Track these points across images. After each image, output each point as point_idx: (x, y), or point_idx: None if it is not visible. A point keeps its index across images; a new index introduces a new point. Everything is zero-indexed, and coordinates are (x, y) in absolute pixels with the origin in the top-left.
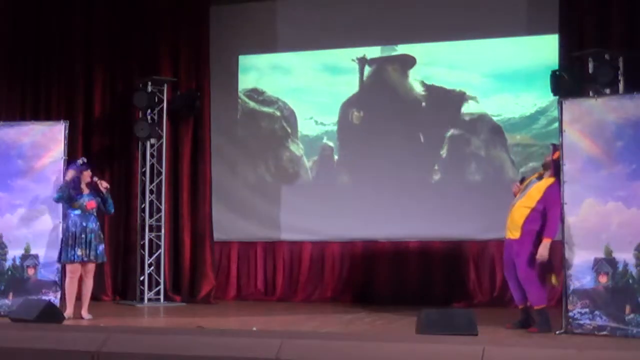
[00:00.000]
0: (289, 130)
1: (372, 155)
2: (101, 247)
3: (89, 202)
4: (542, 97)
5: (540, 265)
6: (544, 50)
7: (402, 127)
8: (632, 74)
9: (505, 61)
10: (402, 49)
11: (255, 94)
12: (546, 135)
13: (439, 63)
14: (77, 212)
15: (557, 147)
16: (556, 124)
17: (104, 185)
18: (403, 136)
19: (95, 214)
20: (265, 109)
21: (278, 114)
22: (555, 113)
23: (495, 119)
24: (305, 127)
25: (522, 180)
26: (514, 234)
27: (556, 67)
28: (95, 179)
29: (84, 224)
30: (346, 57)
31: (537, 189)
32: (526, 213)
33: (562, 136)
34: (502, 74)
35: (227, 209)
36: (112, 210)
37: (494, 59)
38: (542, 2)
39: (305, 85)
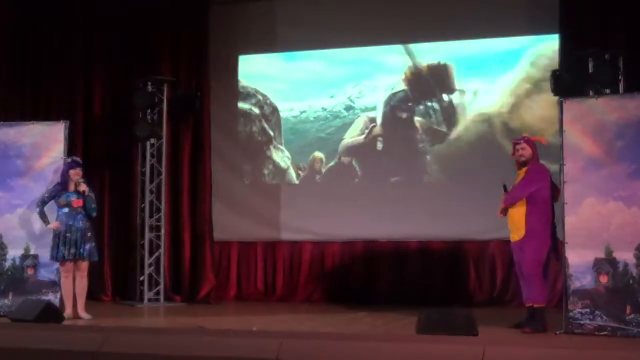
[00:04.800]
0: (272, 134)
1: (372, 155)
2: (89, 245)
3: (76, 200)
4: None
5: (545, 261)
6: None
7: (401, 127)
8: (632, 74)
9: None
10: (401, 49)
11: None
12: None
13: (437, 61)
14: (65, 210)
15: (521, 141)
16: None
17: (81, 188)
18: (403, 136)
19: (83, 212)
20: (242, 105)
21: (257, 111)
22: None
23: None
24: (302, 126)
25: (505, 189)
26: (518, 234)
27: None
28: (81, 180)
29: (70, 223)
30: (346, 57)
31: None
32: (523, 210)
33: (563, 136)
34: (500, 73)
35: (227, 209)
36: (93, 214)
37: (493, 59)
38: (542, 2)
39: (305, 84)
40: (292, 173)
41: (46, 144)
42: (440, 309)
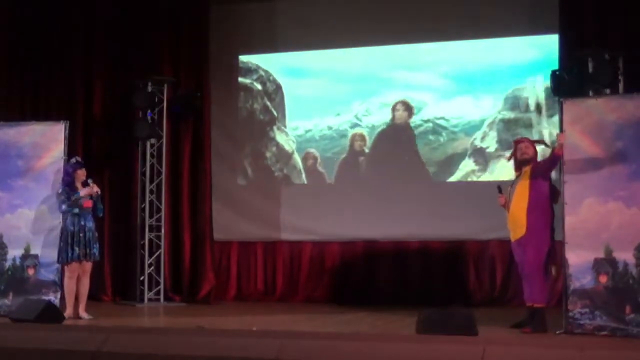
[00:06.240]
0: (275, 114)
1: (372, 155)
2: (97, 245)
3: (86, 201)
4: None
5: (545, 260)
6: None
7: (401, 128)
8: (632, 74)
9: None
10: (400, 49)
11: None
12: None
13: (438, 63)
14: (76, 210)
15: (525, 140)
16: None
17: (94, 189)
18: (403, 136)
19: (91, 212)
20: (242, 80)
21: (259, 87)
22: None
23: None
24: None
25: (500, 190)
26: (520, 231)
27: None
28: (90, 181)
29: (82, 223)
30: (346, 57)
31: (523, 182)
32: (525, 205)
33: None
34: (501, 73)
35: (227, 209)
36: (101, 215)
37: (494, 59)
38: (542, 2)
39: (310, 102)
40: (298, 162)
41: (46, 144)
42: (440, 309)
